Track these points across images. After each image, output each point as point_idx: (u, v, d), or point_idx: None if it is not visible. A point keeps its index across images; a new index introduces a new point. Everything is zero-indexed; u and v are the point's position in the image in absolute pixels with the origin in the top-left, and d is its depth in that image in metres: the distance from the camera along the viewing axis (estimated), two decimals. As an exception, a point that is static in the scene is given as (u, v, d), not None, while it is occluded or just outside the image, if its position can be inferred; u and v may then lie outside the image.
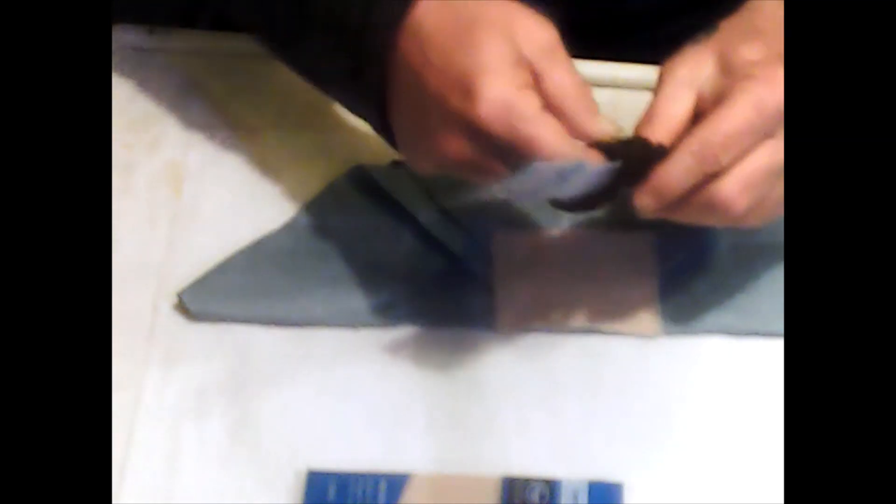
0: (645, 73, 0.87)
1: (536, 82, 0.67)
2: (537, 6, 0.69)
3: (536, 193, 0.69)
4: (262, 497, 0.72)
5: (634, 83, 0.86)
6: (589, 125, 0.67)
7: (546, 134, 0.65)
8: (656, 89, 0.70)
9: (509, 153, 0.66)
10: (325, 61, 0.75)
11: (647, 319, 0.77)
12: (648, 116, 0.69)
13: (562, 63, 0.68)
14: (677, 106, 0.68)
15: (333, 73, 0.75)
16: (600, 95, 0.70)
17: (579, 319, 0.77)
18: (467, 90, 0.66)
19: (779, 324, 0.76)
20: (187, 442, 0.74)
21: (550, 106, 0.67)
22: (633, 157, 0.67)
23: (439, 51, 0.68)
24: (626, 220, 0.79)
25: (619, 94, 0.85)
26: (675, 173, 0.66)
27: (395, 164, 0.81)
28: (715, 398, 0.76)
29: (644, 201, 0.67)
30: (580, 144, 0.67)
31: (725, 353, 0.77)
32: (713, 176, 0.66)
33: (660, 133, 0.68)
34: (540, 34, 0.68)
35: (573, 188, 0.68)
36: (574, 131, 0.67)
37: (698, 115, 0.68)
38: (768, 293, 0.78)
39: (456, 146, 0.67)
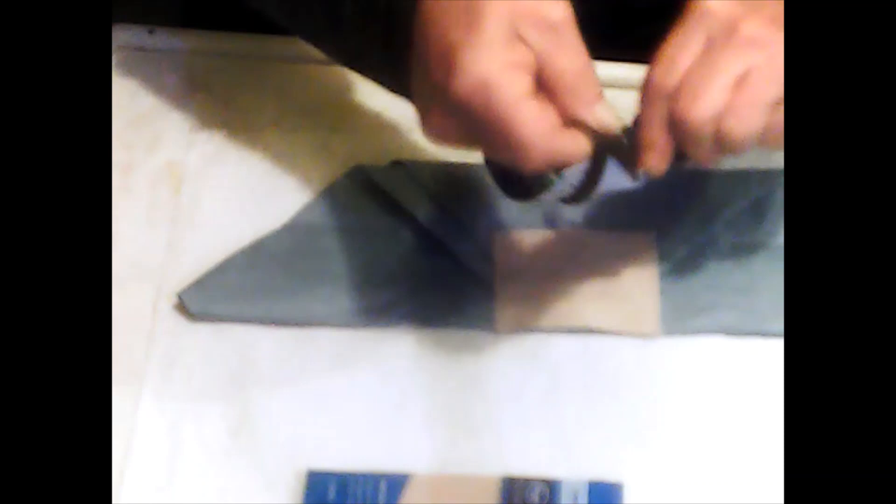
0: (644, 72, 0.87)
1: (538, 63, 0.65)
2: None
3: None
4: (262, 497, 0.72)
5: (635, 84, 0.86)
6: (581, 113, 0.65)
7: (522, 120, 0.63)
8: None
9: (487, 136, 0.64)
10: (358, 42, 0.73)
11: (647, 319, 0.77)
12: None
13: (565, 46, 0.65)
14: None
15: (368, 56, 0.74)
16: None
17: (579, 319, 0.77)
18: (449, 64, 0.64)
19: (779, 324, 0.76)
20: (187, 442, 0.74)
21: (548, 90, 0.65)
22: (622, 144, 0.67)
23: (438, 26, 0.65)
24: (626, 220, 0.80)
25: (620, 95, 0.85)
26: (646, 118, 0.67)
27: (395, 164, 0.81)
28: (715, 398, 0.76)
29: (647, 163, 0.67)
30: (559, 135, 0.65)
31: (725, 353, 0.77)
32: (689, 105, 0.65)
33: None
34: (547, 12, 0.65)
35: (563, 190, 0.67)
36: (569, 118, 0.65)
37: None
38: (768, 293, 0.78)
39: (440, 122, 0.66)
